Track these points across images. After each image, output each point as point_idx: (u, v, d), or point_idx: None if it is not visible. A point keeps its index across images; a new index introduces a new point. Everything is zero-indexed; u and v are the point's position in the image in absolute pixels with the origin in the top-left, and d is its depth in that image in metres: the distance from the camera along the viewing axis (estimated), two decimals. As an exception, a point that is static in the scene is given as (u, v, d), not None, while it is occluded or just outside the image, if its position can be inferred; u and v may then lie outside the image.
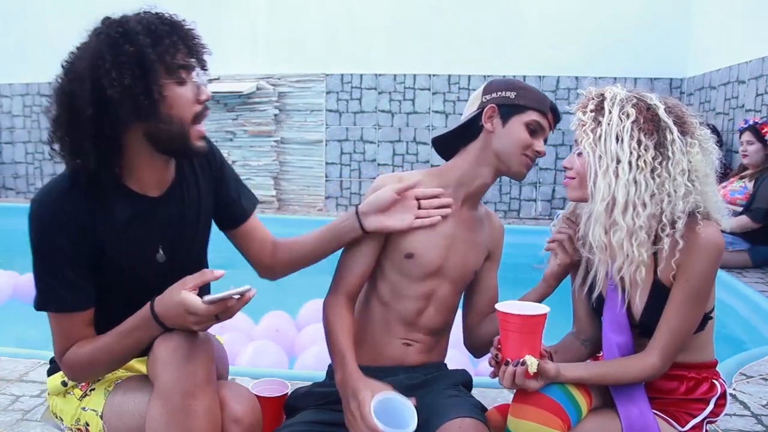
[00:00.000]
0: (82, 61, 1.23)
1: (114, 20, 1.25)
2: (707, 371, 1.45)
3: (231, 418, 1.29)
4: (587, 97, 1.42)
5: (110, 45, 1.20)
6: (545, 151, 1.57)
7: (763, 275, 4.04)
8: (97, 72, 1.20)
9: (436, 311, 1.58)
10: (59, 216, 1.26)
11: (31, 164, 7.59)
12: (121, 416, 1.31)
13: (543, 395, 1.32)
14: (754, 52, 4.93)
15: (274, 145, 6.88)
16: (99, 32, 1.24)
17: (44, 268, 1.28)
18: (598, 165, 1.34)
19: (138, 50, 1.20)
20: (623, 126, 1.33)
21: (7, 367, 2.44)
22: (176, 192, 1.40)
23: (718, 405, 1.44)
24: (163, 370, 1.22)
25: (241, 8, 6.78)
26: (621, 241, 1.33)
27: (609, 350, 1.45)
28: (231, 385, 1.37)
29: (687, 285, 1.34)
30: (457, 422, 1.34)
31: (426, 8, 6.58)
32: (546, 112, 1.57)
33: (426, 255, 1.54)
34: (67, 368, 1.33)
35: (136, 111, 1.22)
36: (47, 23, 7.20)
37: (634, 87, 1.45)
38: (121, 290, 1.35)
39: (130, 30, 1.21)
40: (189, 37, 1.27)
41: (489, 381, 2.39)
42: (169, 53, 1.22)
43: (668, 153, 1.33)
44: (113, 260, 1.32)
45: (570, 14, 6.38)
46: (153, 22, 1.24)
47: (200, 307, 1.19)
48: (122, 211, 1.32)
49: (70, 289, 1.28)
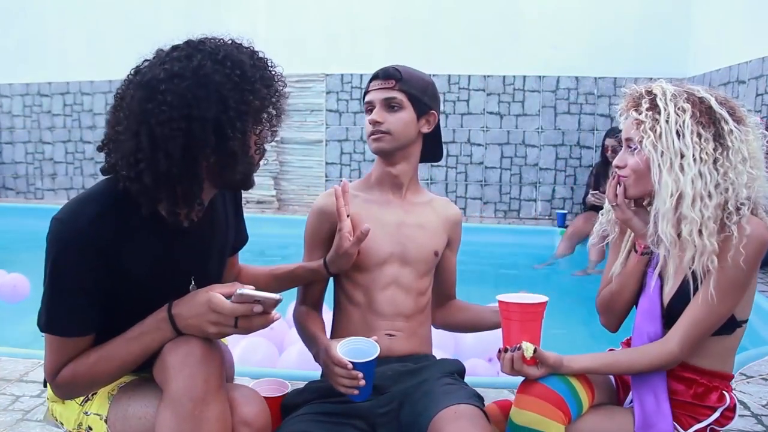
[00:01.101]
0: (201, 89, 1.16)
1: (227, 55, 1.21)
2: (720, 381, 1.44)
3: (241, 421, 1.28)
4: (632, 95, 1.43)
5: (233, 89, 1.19)
6: (374, 118, 1.61)
7: (763, 275, 4.04)
8: (220, 112, 1.17)
9: (406, 296, 1.64)
10: (82, 242, 1.19)
11: (31, 164, 7.58)
12: (128, 420, 1.30)
13: (545, 387, 1.34)
14: (754, 52, 4.93)
15: (274, 145, 6.87)
16: (210, 62, 1.19)
17: (56, 291, 1.22)
18: (661, 161, 1.35)
19: (262, 104, 1.23)
20: (682, 121, 1.35)
21: (7, 367, 2.44)
22: (207, 220, 1.39)
23: (725, 416, 1.43)
24: (174, 376, 1.20)
25: (241, 8, 6.78)
26: (691, 234, 1.33)
27: (639, 338, 1.45)
28: (240, 388, 1.37)
29: (720, 274, 1.33)
30: (453, 408, 1.38)
31: (426, 8, 6.58)
32: (367, 89, 1.66)
33: (372, 247, 1.61)
34: (57, 386, 1.28)
35: (227, 147, 1.21)
36: (47, 23, 7.20)
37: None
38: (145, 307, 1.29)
39: (249, 77, 1.22)
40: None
41: (488, 380, 2.40)
42: (269, 96, 1.28)
43: (727, 143, 1.35)
44: (140, 286, 1.28)
45: (570, 14, 6.38)
46: (262, 69, 1.26)
47: (226, 305, 1.18)
48: (152, 242, 1.28)
49: (77, 317, 1.24)
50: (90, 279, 1.22)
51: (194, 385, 1.19)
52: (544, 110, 6.45)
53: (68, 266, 1.20)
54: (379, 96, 1.62)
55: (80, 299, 1.23)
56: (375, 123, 1.61)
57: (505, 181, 6.61)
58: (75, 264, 1.20)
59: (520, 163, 6.57)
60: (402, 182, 1.68)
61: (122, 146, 1.19)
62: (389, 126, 1.61)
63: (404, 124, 1.62)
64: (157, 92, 1.16)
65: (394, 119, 1.61)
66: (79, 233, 1.19)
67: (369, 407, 1.48)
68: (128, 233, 1.24)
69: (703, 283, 1.35)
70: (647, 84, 1.45)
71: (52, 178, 7.53)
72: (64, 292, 1.22)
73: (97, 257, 1.20)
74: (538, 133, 6.49)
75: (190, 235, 1.34)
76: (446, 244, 1.74)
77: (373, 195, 1.69)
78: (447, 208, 1.77)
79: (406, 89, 1.62)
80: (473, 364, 2.54)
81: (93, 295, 1.24)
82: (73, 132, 7.38)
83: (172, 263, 1.32)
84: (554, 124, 6.42)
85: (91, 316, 1.25)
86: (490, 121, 6.58)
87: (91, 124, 7.29)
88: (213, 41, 1.25)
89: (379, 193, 1.69)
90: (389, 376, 1.54)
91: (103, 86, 7.16)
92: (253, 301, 1.19)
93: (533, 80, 6.46)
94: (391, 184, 1.68)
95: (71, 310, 1.23)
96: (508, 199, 6.63)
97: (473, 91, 6.56)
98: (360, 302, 1.64)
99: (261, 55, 1.30)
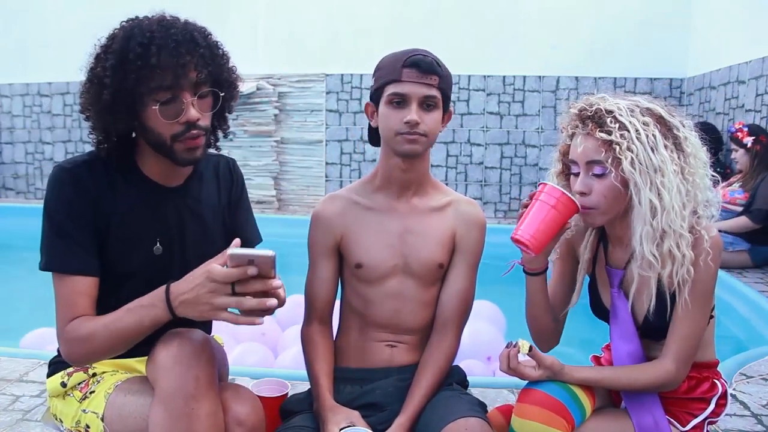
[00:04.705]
0: (108, 53, 1.27)
1: (131, 23, 1.29)
2: (708, 371, 1.45)
3: (234, 420, 1.28)
4: (583, 115, 1.35)
5: (118, 50, 1.25)
6: (415, 118, 1.42)
7: (763, 275, 4.04)
8: (102, 71, 1.26)
9: (411, 309, 1.55)
10: (78, 181, 1.31)
11: (31, 164, 7.59)
12: (123, 419, 1.31)
13: (547, 395, 1.32)
14: (754, 52, 4.93)
15: (274, 145, 6.88)
16: (122, 32, 1.28)
17: (54, 230, 1.30)
18: (641, 181, 1.29)
19: (124, 64, 1.24)
20: (653, 135, 1.30)
21: (7, 367, 2.44)
22: (192, 187, 1.43)
23: (719, 405, 1.44)
24: (165, 374, 1.21)
25: (241, 8, 6.78)
26: (670, 248, 1.30)
27: (619, 359, 1.44)
28: (233, 387, 1.37)
29: (695, 288, 1.33)
30: (462, 423, 1.33)
31: (426, 8, 6.59)
32: (398, 77, 1.43)
33: (375, 260, 1.53)
34: (65, 343, 1.29)
35: (124, 114, 1.28)
36: (47, 23, 7.20)
37: (634, 87, 1.44)
38: (113, 280, 1.34)
39: (132, 38, 1.25)
40: (182, 56, 1.25)
41: (488, 381, 2.39)
42: (155, 74, 1.24)
43: (687, 150, 1.33)
44: (111, 244, 1.33)
45: (570, 14, 6.38)
46: (157, 34, 1.25)
47: (221, 270, 1.15)
48: (130, 194, 1.36)
49: (76, 252, 1.30)
50: (84, 219, 1.30)
51: (185, 383, 1.19)
52: (544, 110, 6.45)
53: (65, 203, 1.30)
54: (418, 92, 1.43)
55: (77, 236, 1.30)
56: (414, 124, 1.43)
57: (505, 181, 6.61)
58: (71, 201, 1.30)
59: (520, 163, 6.57)
60: (412, 183, 1.54)
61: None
62: (426, 128, 1.44)
63: (437, 125, 1.47)
64: (98, 58, 1.30)
65: (431, 120, 1.45)
66: (75, 172, 1.32)
67: (369, 424, 1.44)
68: (113, 184, 1.34)
69: (680, 295, 1.33)
70: (586, 101, 1.37)
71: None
72: (61, 229, 1.30)
73: (89, 202, 1.31)
74: (538, 133, 6.49)
75: (167, 197, 1.40)
76: (455, 252, 1.56)
77: (374, 201, 1.56)
78: (465, 211, 1.58)
79: (443, 87, 1.46)
80: (468, 365, 2.53)
81: (88, 235, 1.31)
82: (73, 132, 7.38)
83: (143, 218, 1.37)
84: (554, 124, 6.40)
85: (88, 252, 1.31)
86: (490, 121, 6.58)
87: (91, 124, 7.29)
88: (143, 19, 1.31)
89: (382, 197, 1.56)
90: (390, 392, 1.50)
91: (103, 86, 7.16)
92: (247, 263, 1.15)
93: (533, 80, 6.46)
94: (399, 187, 1.54)
95: (69, 246, 1.29)
96: (508, 199, 6.63)
97: (473, 91, 6.56)
98: (362, 312, 1.56)
99: (169, 15, 1.32)
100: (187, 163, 1.35)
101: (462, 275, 1.56)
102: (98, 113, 1.29)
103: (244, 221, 1.56)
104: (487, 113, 6.58)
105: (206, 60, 1.29)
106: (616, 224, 1.41)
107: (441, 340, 1.54)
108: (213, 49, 1.33)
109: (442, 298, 1.56)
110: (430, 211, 1.56)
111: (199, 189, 1.46)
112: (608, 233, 1.46)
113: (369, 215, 1.56)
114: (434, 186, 1.60)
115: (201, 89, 1.30)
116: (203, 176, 1.48)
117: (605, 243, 1.48)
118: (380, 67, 1.49)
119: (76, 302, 1.29)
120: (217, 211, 1.49)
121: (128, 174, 1.37)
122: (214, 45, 1.34)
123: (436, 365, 1.51)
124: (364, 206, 1.57)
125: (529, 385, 1.37)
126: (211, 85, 1.32)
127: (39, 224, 1.32)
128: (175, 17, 1.33)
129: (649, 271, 1.33)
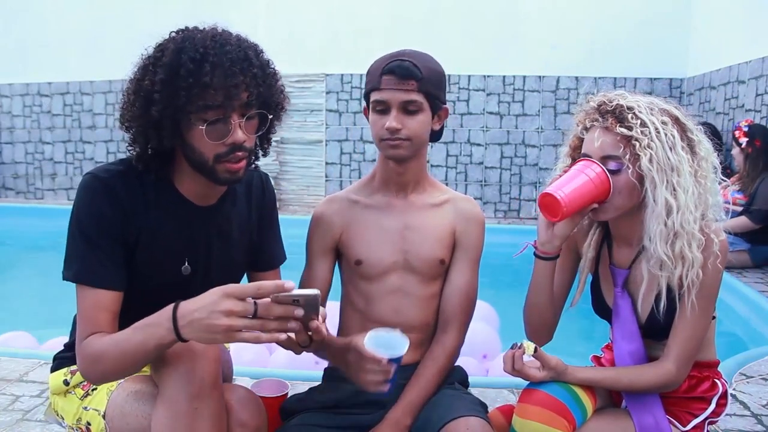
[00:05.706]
0: (157, 66, 1.23)
1: (182, 35, 1.26)
2: (709, 370, 1.45)
3: (237, 422, 1.28)
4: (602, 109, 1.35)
5: (168, 64, 1.21)
6: (394, 125, 1.43)
7: (763, 275, 4.05)
8: (150, 84, 1.22)
9: (411, 306, 1.54)
10: (111, 191, 1.27)
11: (31, 164, 7.59)
12: (125, 417, 1.30)
13: (548, 395, 1.32)
14: (754, 52, 4.94)
15: (274, 145, 6.83)
16: (172, 44, 1.25)
17: (83, 239, 1.25)
18: (658, 179, 1.29)
19: (175, 80, 1.20)
20: (671, 134, 1.30)
21: (7, 367, 2.44)
22: (224, 207, 1.40)
23: (719, 405, 1.44)
24: (170, 373, 1.20)
25: (241, 8, 6.78)
26: (682, 249, 1.30)
27: (621, 359, 1.44)
28: (236, 389, 1.36)
29: (701, 291, 1.33)
30: (462, 422, 1.33)
31: (426, 8, 6.59)
32: (378, 85, 1.44)
33: (374, 256, 1.53)
34: (80, 360, 1.27)
35: (170, 131, 1.25)
36: (47, 23, 7.20)
37: (634, 87, 1.44)
38: (136, 296, 1.30)
39: (184, 52, 1.21)
40: (236, 75, 1.22)
41: (488, 381, 2.39)
42: (206, 93, 1.20)
43: (701, 154, 1.33)
44: (139, 260, 1.30)
45: (570, 14, 6.38)
46: (211, 51, 1.22)
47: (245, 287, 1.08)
48: (162, 210, 1.32)
49: (103, 265, 1.25)
50: (113, 231, 1.27)
51: (188, 383, 1.19)
52: (543, 110, 6.45)
53: (95, 212, 1.26)
54: (396, 98, 1.44)
55: (105, 247, 1.26)
56: (394, 130, 1.44)
57: (505, 181, 6.61)
58: (102, 211, 1.26)
59: (520, 163, 6.57)
60: (409, 182, 1.56)
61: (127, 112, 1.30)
62: (409, 132, 1.45)
63: (422, 127, 1.47)
64: (146, 70, 1.26)
65: (414, 123, 1.45)
66: (106, 184, 1.27)
67: (369, 420, 1.44)
68: (145, 198, 1.31)
69: (687, 296, 1.33)
70: (605, 96, 1.38)
71: (52, 178, 7.53)
72: (90, 239, 1.25)
73: (120, 213, 1.27)
74: (538, 133, 6.49)
75: (199, 217, 1.36)
76: (455, 249, 1.57)
77: (374, 199, 1.58)
78: (464, 208, 1.59)
79: (426, 89, 1.45)
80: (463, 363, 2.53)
81: (116, 248, 1.27)
82: (73, 132, 7.37)
83: (173, 236, 1.33)
84: (554, 124, 6.42)
85: (116, 265, 1.27)
86: (490, 121, 6.58)
87: (91, 124, 7.26)
88: (194, 32, 1.29)
89: (381, 196, 1.58)
90: (390, 391, 1.45)
91: (103, 86, 7.17)
92: (292, 302, 1.09)
93: (533, 80, 6.46)
94: (396, 186, 1.56)
95: (97, 258, 1.25)
96: (508, 199, 6.64)
97: (473, 91, 6.56)
98: (363, 310, 1.56)
99: (223, 31, 1.29)
100: (226, 183, 1.32)
101: (464, 271, 1.56)
102: (143, 128, 1.25)
103: (270, 239, 1.55)
104: (487, 113, 6.58)
105: (258, 80, 1.26)
106: (622, 223, 1.41)
107: (443, 337, 1.54)
108: (265, 68, 1.29)
109: (445, 294, 1.56)
110: (428, 207, 1.57)
111: (231, 209, 1.43)
112: (613, 232, 1.46)
113: (368, 212, 1.57)
114: (432, 184, 1.62)
115: (250, 111, 1.26)
116: (236, 194, 1.44)
117: (609, 242, 1.48)
118: (367, 73, 1.51)
119: (97, 317, 1.25)
120: (245, 229, 1.48)
121: (163, 190, 1.33)
122: (266, 64, 1.31)
123: (436, 362, 1.51)
124: (364, 204, 1.58)
125: (531, 385, 1.37)
126: (260, 107, 1.29)
127: (39, 224, 1.31)
128: (227, 31, 1.29)
129: (660, 271, 1.33)
